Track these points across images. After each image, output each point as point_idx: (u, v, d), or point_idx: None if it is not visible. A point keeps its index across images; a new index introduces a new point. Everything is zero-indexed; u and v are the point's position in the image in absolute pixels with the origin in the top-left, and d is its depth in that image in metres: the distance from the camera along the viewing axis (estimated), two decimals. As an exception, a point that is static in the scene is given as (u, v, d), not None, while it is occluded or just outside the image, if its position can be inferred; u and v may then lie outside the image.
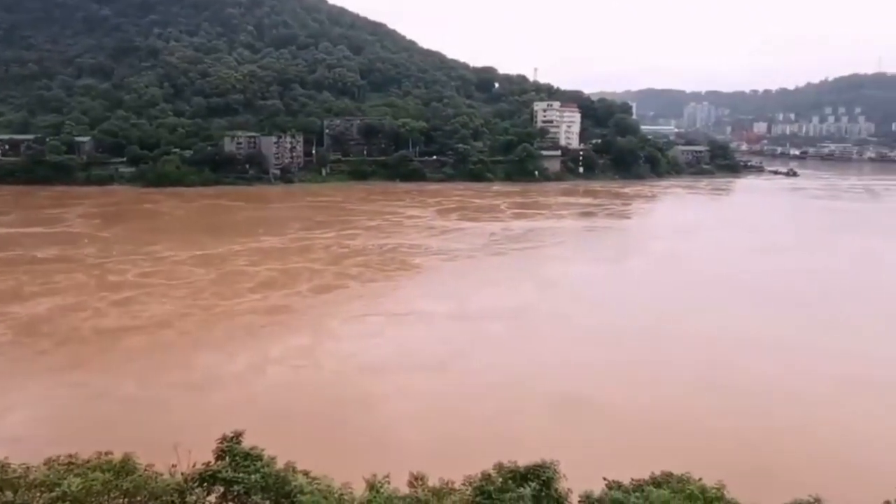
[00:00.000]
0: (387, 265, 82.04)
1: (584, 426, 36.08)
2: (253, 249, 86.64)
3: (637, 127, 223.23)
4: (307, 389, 42.12)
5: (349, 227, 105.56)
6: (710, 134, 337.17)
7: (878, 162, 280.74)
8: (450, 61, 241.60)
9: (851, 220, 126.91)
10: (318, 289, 69.21)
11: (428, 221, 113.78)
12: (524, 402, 39.57)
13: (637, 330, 53.36)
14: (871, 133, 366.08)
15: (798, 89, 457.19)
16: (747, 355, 47.43)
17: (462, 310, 60.93)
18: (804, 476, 25.86)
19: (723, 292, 66.67)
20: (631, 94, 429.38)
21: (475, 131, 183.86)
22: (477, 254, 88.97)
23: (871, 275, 76.59)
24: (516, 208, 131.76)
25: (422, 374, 44.42)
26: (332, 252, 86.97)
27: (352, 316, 59.67)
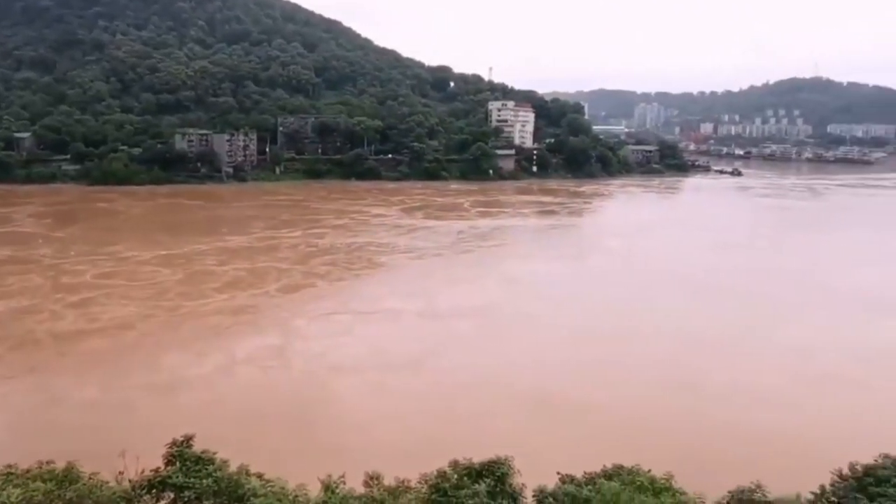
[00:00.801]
0: (355, 264, 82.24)
1: (549, 423, 36.96)
2: (219, 249, 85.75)
3: (589, 127, 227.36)
4: (276, 390, 41.98)
5: (316, 225, 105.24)
6: (660, 134, 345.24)
7: (814, 162, 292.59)
8: (405, 60, 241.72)
9: (799, 217, 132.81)
10: (287, 288, 68.86)
11: (394, 220, 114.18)
12: (493, 400, 40.25)
13: (602, 327, 54.90)
14: (809, 135, 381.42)
15: (742, 91, 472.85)
16: (703, 352, 49.39)
17: (432, 308, 61.56)
18: (749, 464, 26.86)
19: (681, 290, 68.90)
20: (583, 94, 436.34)
21: (430, 130, 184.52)
22: (445, 252, 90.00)
23: (820, 271, 79.80)
24: (480, 207, 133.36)
25: (392, 374, 44.72)
26: (299, 251, 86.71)
27: (321, 315, 59.68)
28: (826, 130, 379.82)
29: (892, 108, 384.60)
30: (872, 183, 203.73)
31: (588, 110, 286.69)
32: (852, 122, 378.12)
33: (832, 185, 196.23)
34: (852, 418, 36.90)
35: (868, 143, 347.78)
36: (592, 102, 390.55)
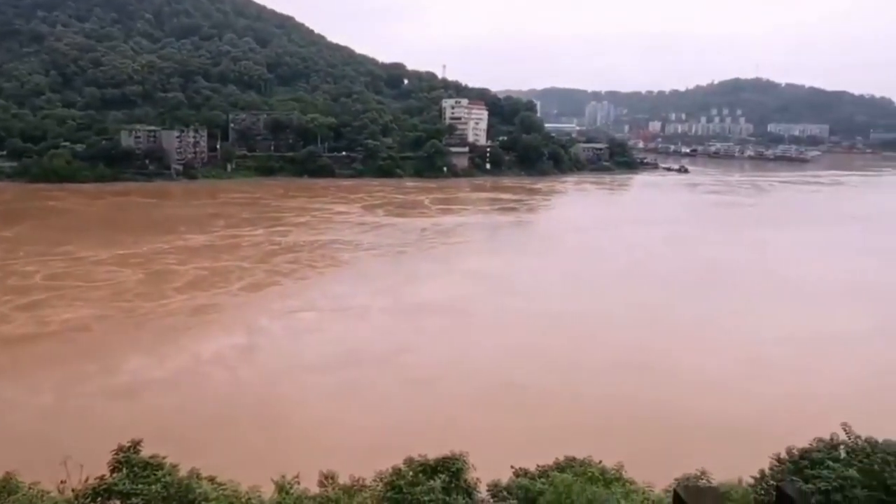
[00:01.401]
0: (320, 261, 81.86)
1: (510, 415, 37.42)
2: (179, 248, 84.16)
3: (541, 125, 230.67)
4: (237, 391, 41.41)
5: (277, 223, 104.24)
6: (610, 132, 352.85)
7: (756, 160, 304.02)
8: (359, 56, 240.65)
9: (748, 213, 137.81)
10: (250, 287, 67.99)
11: (357, 217, 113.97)
12: (458, 395, 40.57)
13: (566, 320, 55.98)
14: (751, 133, 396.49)
15: (688, 91, 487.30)
16: (659, 340, 50.92)
17: (399, 304, 61.72)
18: (696, 450, 26.91)
19: (640, 282, 70.91)
20: (535, 92, 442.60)
21: (384, 127, 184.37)
22: (410, 249, 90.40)
23: (771, 264, 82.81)
24: (441, 204, 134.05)
25: (356, 371, 44.62)
26: (263, 249, 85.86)
27: (286, 313, 59.02)
28: (766, 129, 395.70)
29: (826, 109, 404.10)
30: (811, 180, 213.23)
31: (540, 108, 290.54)
32: (790, 121, 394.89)
33: (775, 183, 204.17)
34: (793, 403, 38.64)
35: (804, 141, 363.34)
36: (544, 101, 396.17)
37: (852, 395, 38.80)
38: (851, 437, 12.08)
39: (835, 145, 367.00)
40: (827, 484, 10.57)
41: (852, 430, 12.16)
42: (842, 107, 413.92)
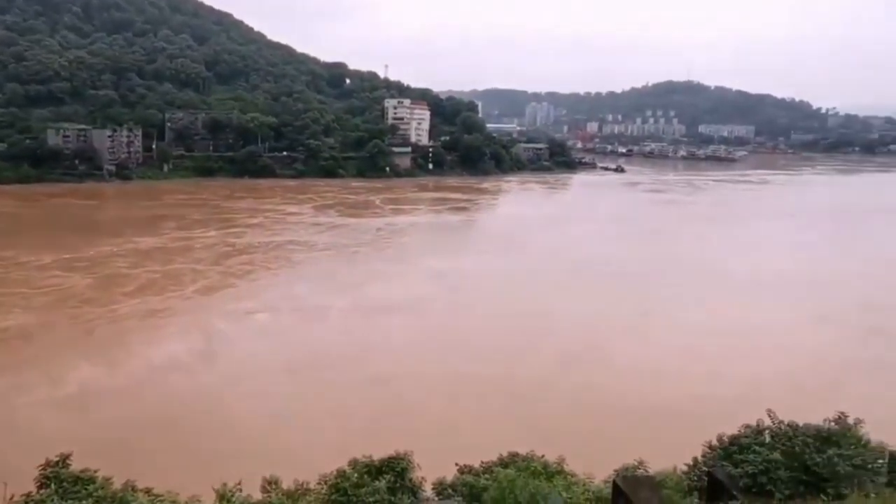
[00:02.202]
0: (276, 262, 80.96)
1: (462, 412, 37.90)
2: (129, 251, 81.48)
3: (483, 125, 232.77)
4: (195, 397, 40.46)
5: (230, 225, 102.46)
6: (550, 132, 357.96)
7: (688, 159, 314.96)
8: (299, 55, 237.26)
9: (688, 210, 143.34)
10: (206, 289, 66.48)
11: (310, 218, 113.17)
12: (413, 394, 40.80)
13: (521, 317, 56.90)
14: (683, 134, 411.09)
15: (624, 92, 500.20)
16: (609, 334, 52.71)
17: (358, 304, 61.50)
18: (635, 440, 28.16)
19: (590, 278, 72.87)
20: (477, 93, 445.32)
21: (326, 127, 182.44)
22: (367, 248, 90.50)
23: (712, 258, 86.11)
24: (392, 204, 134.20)
25: (318, 372, 44.22)
26: (216, 251, 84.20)
27: (243, 315, 57.87)
28: (697, 130, 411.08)
29: (752, 111, 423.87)
30: (740, 179, 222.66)
31: (482, 109, 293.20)
32: (719, 122, 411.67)
33: (710, 181, 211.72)
34: (726, 390, 40.18)
35: (732, 142, 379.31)
36: (486, 101, 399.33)
37: (780, 381, 41.27)
38: (775, 423, 12.93)
39: (760, 146, 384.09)
40: (753, 467, 11.38)
41: (776, 415, 13.10)
42: (765, 109, 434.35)
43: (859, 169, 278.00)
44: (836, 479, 11.39)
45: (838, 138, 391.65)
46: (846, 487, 11.02)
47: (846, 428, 12.83)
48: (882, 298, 62.87)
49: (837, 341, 52.20)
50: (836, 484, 11.25)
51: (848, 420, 12.97)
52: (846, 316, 58.65)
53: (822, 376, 43.64)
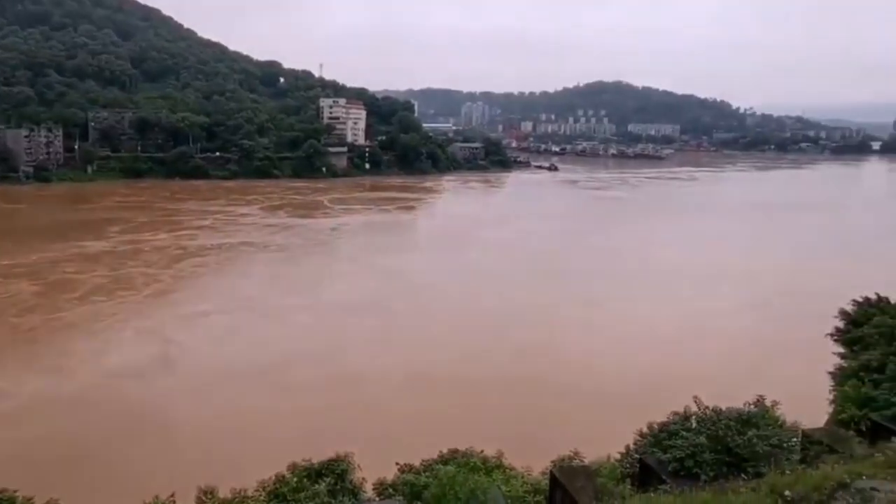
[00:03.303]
0: (231, 263, 79.44)
1: (422, 411, 37.91)
2: (75, 255, 77.96)
3: (419, 124, 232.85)
4: (146, 405, 38.79)
5: (180, 227, 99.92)
6: (485, 132, 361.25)
7: (618, 157, 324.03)
8: (232, 53, 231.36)
9: (628, 206, 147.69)
10: (158, 293, 64.35)
11: (262, 219, 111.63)
12: (365, 395, 40.63)
13: (476, 314, 57.86)
14: (613, 133, 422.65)
15: (557, 92, 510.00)
16: (555, 329, 53.79)
17: (316, 303, 61.15)
18: (568, 431, 29.02)
19: (538, 274, 74.48)
20: (413, 92, 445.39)
21: (260, 127, 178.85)
22: (322, 248, 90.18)
23: (653, 252, 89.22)
24: (340, 204, 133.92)
25: (273, 375, 43.33)
26: (169, 254, 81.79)
27: (198, 319, 56.17)
28: (627, 129, 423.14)
29: (677, 110, 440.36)
30: (671, 176, 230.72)
31: (418, 108, 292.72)
32: (647, 121, 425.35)
33: (642, 178, 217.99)
34: (656, 379, 41.37)
35: (659, 140, 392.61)
36: (422, 101, 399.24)
37: (709, 366, 43.26)
38: (701, 408, 13.92)
39: (685, 144, 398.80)
40: (681, 452, 12.12)
41: (702, 401, 14.07)
42: (690, 109, 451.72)
43: (775, 166, 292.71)
44: (755, 459, 12.23)
45: (755, 137, 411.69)
46: (764, 466, 11.69)
47: (764, 410, 13.91)
48: (803, 286, 65.98)
49: (760, 327, 54.95)
50: (756, 463, 12.01)
51: (766, 403, 14.07)
52: (771, 303, 61.77)
53: (746, 361, 45.72)
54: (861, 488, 9.04)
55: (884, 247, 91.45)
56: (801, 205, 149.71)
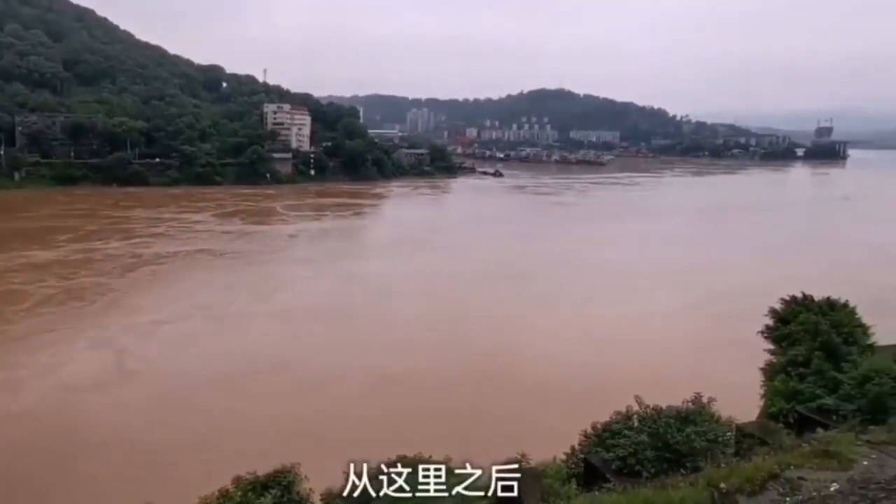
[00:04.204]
0: (189, 271, 77.78)
1: (378, 416, 37.66)
2: (21, 265, 74.42)
3: (365, 130, 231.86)
4: (92, 420, 37.18)
5: (132, 235, 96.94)
6: (430, 138, 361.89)
7: (561, 163, 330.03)
8: (172, 57, 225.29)
9: (576, 211, 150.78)
10: (113, 302, 62.04)
11: (217, 226, 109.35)
12: (326, 403, 40.17)
13: (435, 316, 57.93)
14: (556, 139, 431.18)
15: (501, 99, 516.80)
16: (510, 331, 54.40)
17: (277, 309, 60.30)
18: (517, 432, 29.42)
19: (494, 277, 75.32)
20: (358, 98, 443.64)
21: (202, 132, 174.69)
22: (281, 254, 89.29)
23: (604, 254, 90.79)
24: (294, 210, 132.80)
25: (234, 386, 42.10)
26: (122, 263, 79.23)
27: (155, 328, 54.24)
28: (569, 136, 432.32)
29: (617, 117, 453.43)
30: (614, 181, 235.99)
31: (363, 115, 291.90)
32: (588, 128, 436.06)
33: (587, 184, 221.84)
34: (601, 378, 41.83)
35: (600, 146, 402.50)
36: (367, 107, 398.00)
37: (654, 365, 44.27)
38: (642, 407, 14.51)
39: (624, 150, 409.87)
40: (624, 450, 12.62)
41: (643, 400, 14.69)
42: (629, 116, 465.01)
43: (709, 171, 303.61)
44: (693, 454, 12.81)
45: (691, 143, 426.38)
46: (702, 460, 12.29)
47: (701, 407, 14.56)
48: (741, 285, 68.00)
49: (700, 325, 56.63)
50: (694, 458, 12.58)
51: (703, 400, 14.72)
52: (712, 302, 63.68)
53: (686, 359, 47.09)
54: (790, 478, 9.67)
55: (812, 247, 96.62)
56: (738, 207, 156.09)
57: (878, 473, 9.38)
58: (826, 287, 26.00)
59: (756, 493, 9.27)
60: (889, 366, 16.71)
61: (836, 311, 21.60)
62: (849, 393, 16.40)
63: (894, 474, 9.21)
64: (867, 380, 16.21)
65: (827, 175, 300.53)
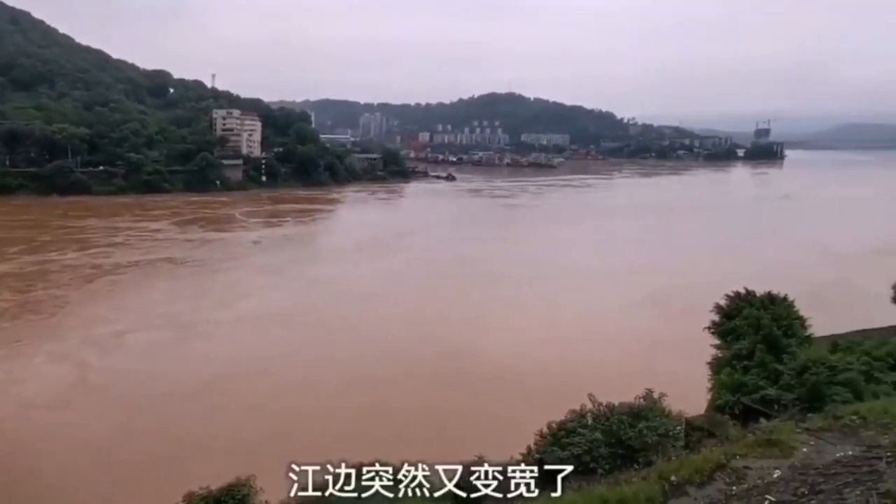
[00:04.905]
0: (152, 280, 75.77)
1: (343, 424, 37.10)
2: None
3: (317, 136, 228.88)
4: (42, 440, 35.57)
5: (89, 245, 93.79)
6: (383, 142, 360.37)
7: (513, 166, 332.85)
8: (116, 62, 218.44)
9: (535, 213, 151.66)
10: (73, 315, 59.93)
11: (178, 234, 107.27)
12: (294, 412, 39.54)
13: (399, 320, 58.15)
14: (507, 142, 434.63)
15: (453, 104, 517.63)
16: (475, 331, 55.01)
17: (244, 316, 59.52)
18: (473, 436, 28.98)
19: (458, 278, 76.39)
20: (310, 103, 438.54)
21: (149, 139, 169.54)
22: (245, 261, 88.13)
23: (564, 256, 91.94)
24: (254, 217, 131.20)
25: (194, 398, 40.97)
26: (81, 273, 76.77)
27: (121, 339, 52.58)
28: (520, 139, 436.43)
29: (567, 121, 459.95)
30: (563, 183, 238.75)
31: (315, 120, 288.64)
32: (539, 131, 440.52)
33: (541, 186, 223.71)
34: (559, 377, 42.17)
35: (551, 149, 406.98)
36: (319, 112, 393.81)
37: (609, 363, 45.29)
38: (596, 405, 14.96)
39: (574, 153, 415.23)
40: (579, 449, 13.09)
41: (596, 399, 15.11)
42: (578, 119, 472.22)
43: (656, 172, 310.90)
44: (645, 449, 13.24)
45: (638, 145, 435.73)
46: (653, 454, 12.82)
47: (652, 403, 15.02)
48: (690, 282, 69.30)
49: (653, 323, 57.91)
50: (646, 453, 13.07)
51: (654, 395, 15.17)
52: (664, 299, 65.13)
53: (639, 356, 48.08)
54: (736, 467, 10.12)
55: (755, 245, 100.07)
56: (685, 208, 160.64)
57: (816, 459, 9.91)
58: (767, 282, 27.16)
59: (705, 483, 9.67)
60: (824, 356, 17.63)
61: (776, 306, 22.65)
62: (789, 383, 17.23)
63: (831, 460, 9.74)
64: (805, 370, 17.05)
65: (766, 174, 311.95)
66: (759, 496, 7.44)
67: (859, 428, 11.15)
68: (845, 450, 9.96)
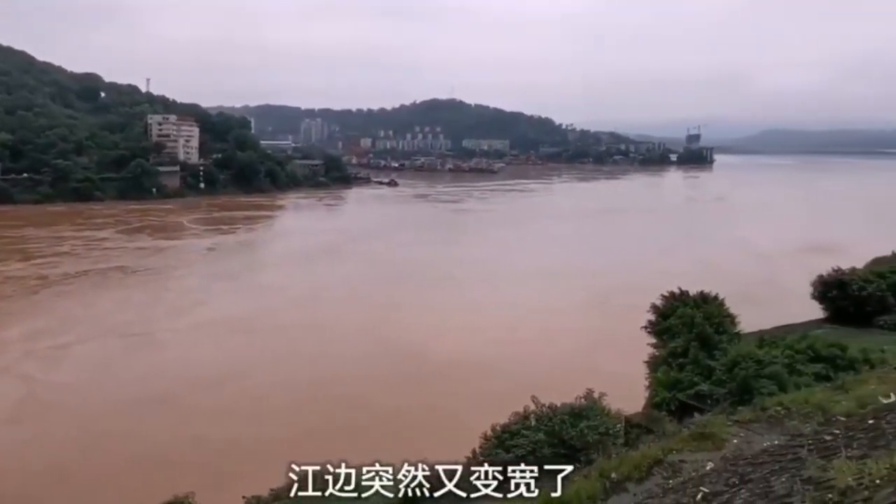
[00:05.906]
0: (102, 289, 73.67)
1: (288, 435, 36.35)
2: None
3: (257, 142, 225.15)
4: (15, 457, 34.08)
5: (33, 255, 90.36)
6: (325, 148, 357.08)
7: (454, 172, 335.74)
8: (41, 64, 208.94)
9: (485, 217, 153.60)
10: (16, 326, 57.57)
11: (127, 242, 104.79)
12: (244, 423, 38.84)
13: (354, 326, 57.89)
14: (449, 148, 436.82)
15: (394, 109, 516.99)
16: (429, 333, 55.40)
17: (202, 324, 58.57)
18: (414, 441, 28.79)
19: (411, 281, 77.23)
20: (249, 109, 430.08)
21: (78, 145, 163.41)
22: (201, 268, 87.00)
23: (511, 258, 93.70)
24: (203, 224, 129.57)
25: (137, 412, 39.41)
26: (25, 285, 74.04)
27: (71, 351, 50.74)
28: (461, 144, 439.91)
29: (507, 126, 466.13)
30: (506, 188, 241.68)
31: (255, 125, 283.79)
32: (480, 137, 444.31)
33: (485, 191, 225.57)
34: (501, 381, 42.49)
35: (492, 155, 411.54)
36: (259, 117, 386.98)
37: (553, 364, 45.95)
38: (539, 407, 15.28)
39: (514, 158, 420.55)
40: (523, 450, 13.35)
41: (539, 400, 15.41)
42: (518, 125, 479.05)
43: (594, 177, 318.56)
44: (586, 448, 13.62)
45: (576, 150, 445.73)
46: (594, 453, 13.22)
47: (593, 402, 15.44)
48: (630, 282, 70.53)
49: (594, 323, 59.06)
50: (587, 452, 13.46)
51: (594, 395, 15.59)
52: (606, 300, 66.79)
53: (581, 356, 49.06)
54: (672, 462, 10.54)
55: (690, 245, 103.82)
56: (623, 210, 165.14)
57: (746, 449, 10.43)
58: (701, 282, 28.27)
59: (643, 479, 10.04)
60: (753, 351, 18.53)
61: (708, 304, 23.65)
62: (720, 378, 18.04)
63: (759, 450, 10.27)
64: (735, 365, 17.88)
65: (698, 178, 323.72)
66: (693, 488, 7.81)
67: (784, 418, 11.79)
68: (772, 439, 10.50)
